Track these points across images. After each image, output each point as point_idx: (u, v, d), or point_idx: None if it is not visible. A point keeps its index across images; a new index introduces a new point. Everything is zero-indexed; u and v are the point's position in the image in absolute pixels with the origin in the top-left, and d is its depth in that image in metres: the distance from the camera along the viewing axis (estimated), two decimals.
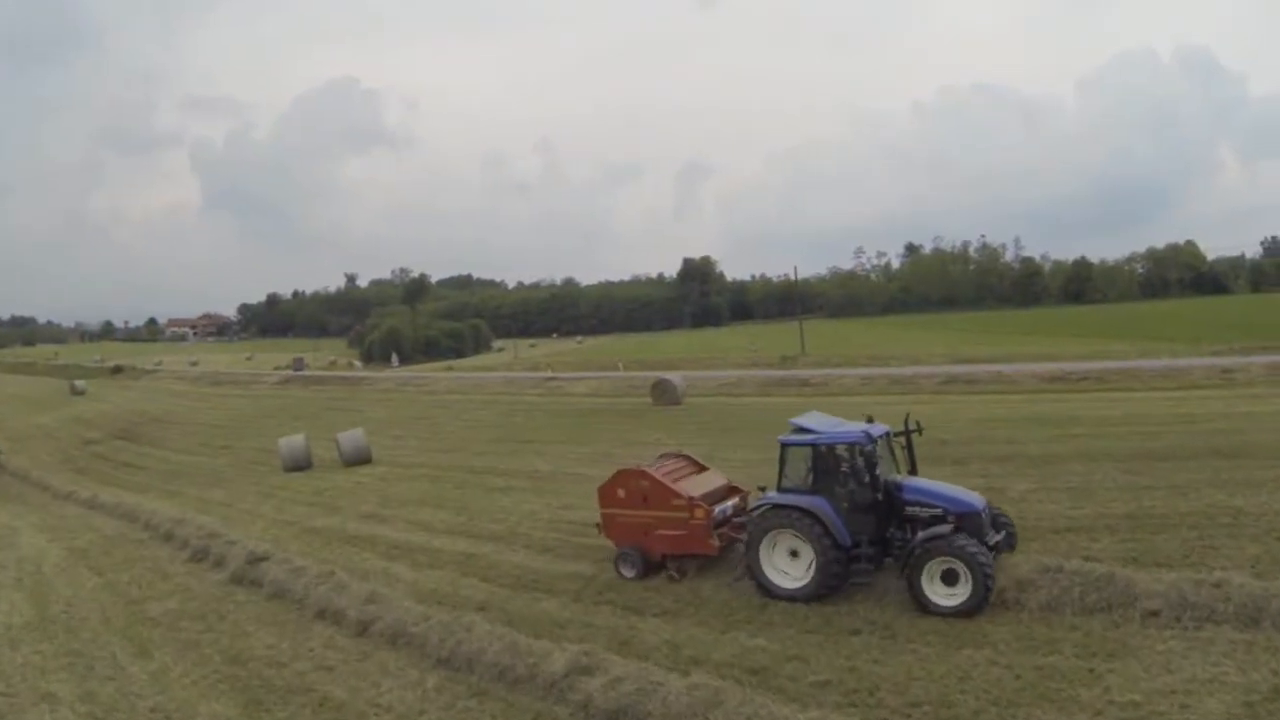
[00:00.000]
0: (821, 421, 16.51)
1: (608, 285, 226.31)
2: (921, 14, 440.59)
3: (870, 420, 16.28)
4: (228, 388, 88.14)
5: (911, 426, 16.36)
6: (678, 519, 17.17)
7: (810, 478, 15.85)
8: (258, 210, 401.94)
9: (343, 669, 14.50)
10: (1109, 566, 14.57)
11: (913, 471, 16.21)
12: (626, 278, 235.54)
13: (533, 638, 14.18)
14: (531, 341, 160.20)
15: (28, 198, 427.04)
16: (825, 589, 15.07)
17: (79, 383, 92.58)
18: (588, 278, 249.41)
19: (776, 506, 15.69)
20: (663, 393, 48.16)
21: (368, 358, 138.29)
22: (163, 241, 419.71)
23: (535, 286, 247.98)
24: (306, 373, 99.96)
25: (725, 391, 52.81)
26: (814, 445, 15.88)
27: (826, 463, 15.82)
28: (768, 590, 15.55)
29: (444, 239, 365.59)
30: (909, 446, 16.38)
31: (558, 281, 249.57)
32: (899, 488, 15.48)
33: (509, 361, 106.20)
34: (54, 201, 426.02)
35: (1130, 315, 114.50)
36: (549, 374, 72.62)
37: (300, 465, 36.77)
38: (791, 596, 15.22)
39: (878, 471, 15.29)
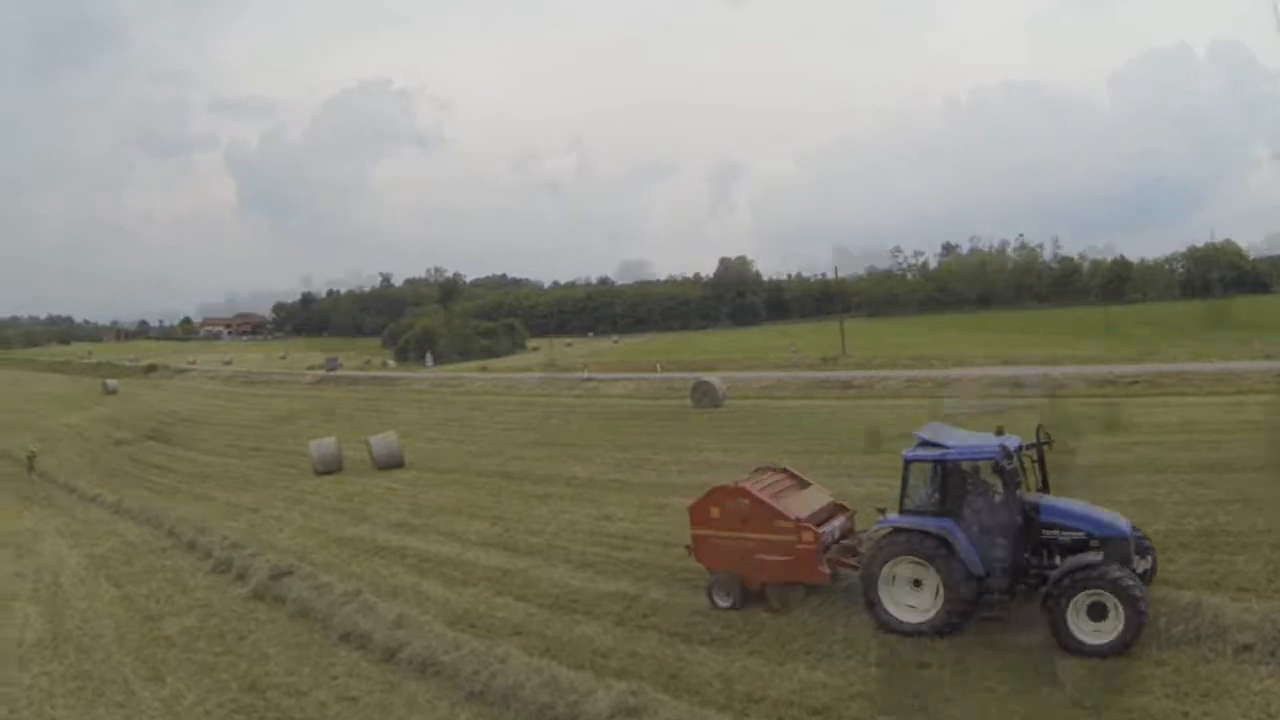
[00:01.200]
0: (946, 434, 14.96)
1: (644, 284, 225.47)
2: (952, 11, 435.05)
3: (1000, 431, 14.60)
4: (260, 387, 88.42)
5: (1043, 438, 14.70)
6: (783, 543, 15.46)
7: (937, 498, 14.25)
8: (292, 209, 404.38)
9: (367, 700, 13.54)
10: (1193, 593, 13.48)
11: (1044, 489, 14.65)
12: (662, 277, 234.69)
13: (573, 669, 13.13)
14: (567, 341, 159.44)
15: (65, 197, 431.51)
16: (953, 623, 13.58)
17: (111, 382, 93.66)
18: (622, 276, 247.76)
19: (899, 530, 14.24)
20: (703, 395, 47.39)
21: (402, 357, 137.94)
22: (198, 240, 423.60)
23: (571, 285, 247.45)
24: (340, 372, 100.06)
25: (767, 394, 51.81)
26: (943, 461, 14.26)
27: (955, 481, 14.24)
28: (886, 625, 14.01)
29: (476, 238, 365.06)
30: (1040, 461, 14.73)
31: (593, 280, 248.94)
32: (1035, 508, 13.88)
33: (545, 361, 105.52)
34: (90, 201, 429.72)
35: (1172, 315, 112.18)
36: (586, 374, 71.86)
37: (331, 468, 36.46)
38: (914, 631, 13.75)
39: (1018, 491, 13.86)
